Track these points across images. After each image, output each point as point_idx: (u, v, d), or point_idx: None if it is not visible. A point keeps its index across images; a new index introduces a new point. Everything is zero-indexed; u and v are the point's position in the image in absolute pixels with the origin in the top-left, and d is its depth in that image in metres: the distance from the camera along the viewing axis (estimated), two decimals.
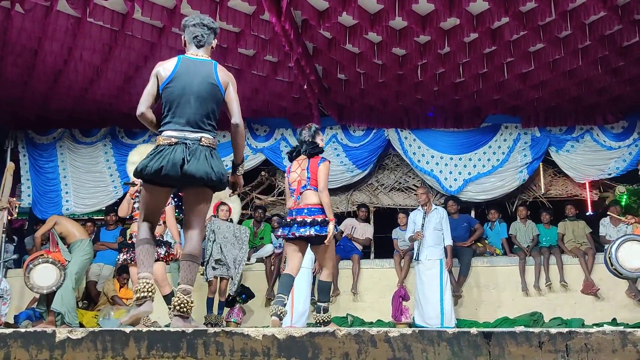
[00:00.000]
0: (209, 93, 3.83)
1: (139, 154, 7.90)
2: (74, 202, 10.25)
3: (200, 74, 3.85)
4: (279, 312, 5.36)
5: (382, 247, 9.99)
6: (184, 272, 3.75)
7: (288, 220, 5.54)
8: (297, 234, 5.39)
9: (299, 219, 5.42)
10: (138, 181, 5.55)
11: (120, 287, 8.69)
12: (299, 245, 5.55)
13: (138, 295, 3.74)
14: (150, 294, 3.74)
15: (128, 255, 6.67)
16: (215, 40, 4.10)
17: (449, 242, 8.23)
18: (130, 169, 7.69)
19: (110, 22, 7.03)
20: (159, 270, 6.37)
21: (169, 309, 3.84)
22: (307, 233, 5.35)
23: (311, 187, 5.47)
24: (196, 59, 3.94)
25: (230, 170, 4.06)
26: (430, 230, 8.16)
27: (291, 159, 5.73)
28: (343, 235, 9.35)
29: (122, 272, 8.74)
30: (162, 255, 6.57)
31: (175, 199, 6.73)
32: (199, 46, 3.99)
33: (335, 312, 8.34)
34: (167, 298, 6.36)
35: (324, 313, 5.57)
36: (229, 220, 8.42)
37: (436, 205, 8.70)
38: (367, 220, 9.82)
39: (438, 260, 8.08)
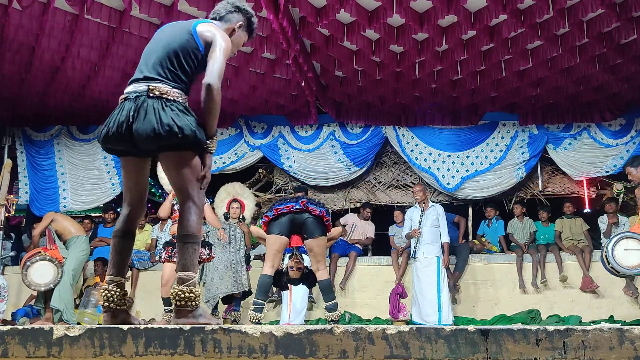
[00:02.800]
0: (179, 41, 3.11)
1: None
2: (72, 199, 10.23)
3: (179, 27, 3.21)
4: (260, 320, 5.39)
5: (380, 244, 9.98)
6: (179, 256, 3.02)
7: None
8: (306, 207, 5.56)
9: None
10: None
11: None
12: (285, 243, 5.60)
13: (102, 303, 3.07)
14: (113, 305, 3.04)
15: (166, 253, 6.61)
16: (239, 20, 3.35)
17: (446, 239, 8.24)
18: None
19: (107, 19, 7.02)
20: None
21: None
22: (317, 211, 5.58)
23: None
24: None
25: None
26: (427, 227, 8.18)
27: None
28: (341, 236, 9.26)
29: (97, 261, 8.55)
30: (204, 257, 6.50)
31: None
32: (212, 18, 3.36)
33: None
34: None
35: (335, 310, 5.55)
36: (240, 218, 7.97)
37: (433, 202, 8.70)
38: (368, 218, 9.76)
39: (435, 258, 8.11)
